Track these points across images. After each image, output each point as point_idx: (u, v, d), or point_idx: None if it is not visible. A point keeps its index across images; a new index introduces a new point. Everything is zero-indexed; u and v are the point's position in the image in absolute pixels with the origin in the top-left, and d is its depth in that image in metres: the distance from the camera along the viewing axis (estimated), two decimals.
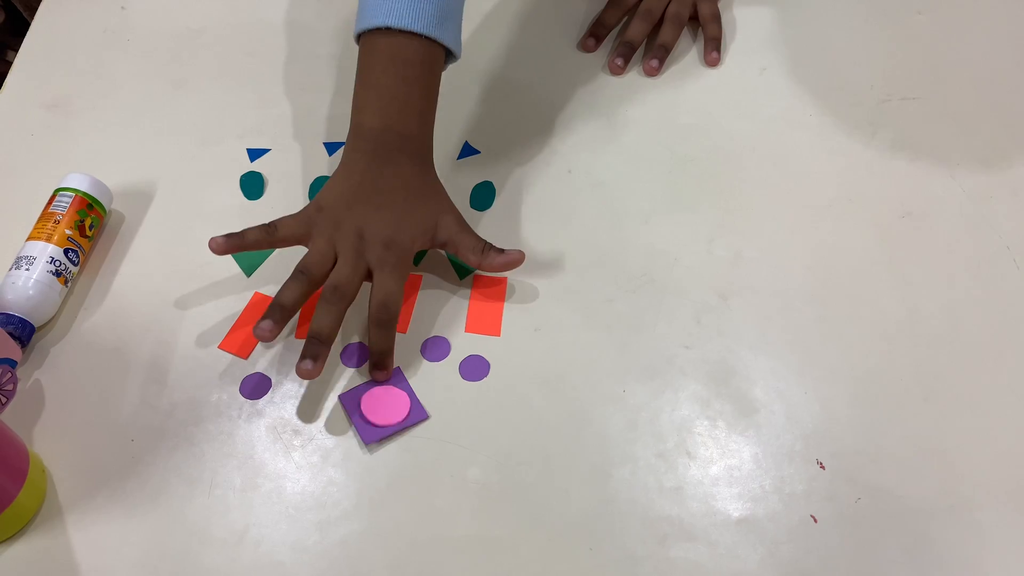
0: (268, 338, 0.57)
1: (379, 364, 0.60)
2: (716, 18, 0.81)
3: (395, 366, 0.61)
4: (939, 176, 0.70)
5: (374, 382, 0.60)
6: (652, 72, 0.78)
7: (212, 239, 0.61)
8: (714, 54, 0.79)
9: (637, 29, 0.80)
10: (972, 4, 0.83)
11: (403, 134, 0.63)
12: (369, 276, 0.61)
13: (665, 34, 0.80)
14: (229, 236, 0.61)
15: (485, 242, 0.63)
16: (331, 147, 0.74)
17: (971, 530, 0.54)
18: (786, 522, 0.54)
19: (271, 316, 0.58)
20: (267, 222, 0.62)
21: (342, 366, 0.61)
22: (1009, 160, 0.71)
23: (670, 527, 0.54)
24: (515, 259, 0.63)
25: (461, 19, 0.66)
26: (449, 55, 0.65)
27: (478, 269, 0.65)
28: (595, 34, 0.81)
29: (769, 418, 0.58)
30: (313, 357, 0.57)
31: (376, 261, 0.60)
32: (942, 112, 0.75)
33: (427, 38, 0.61)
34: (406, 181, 0.63)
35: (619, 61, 0.78)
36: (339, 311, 0.59)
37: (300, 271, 0.60)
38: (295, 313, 0.60)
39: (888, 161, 0.72)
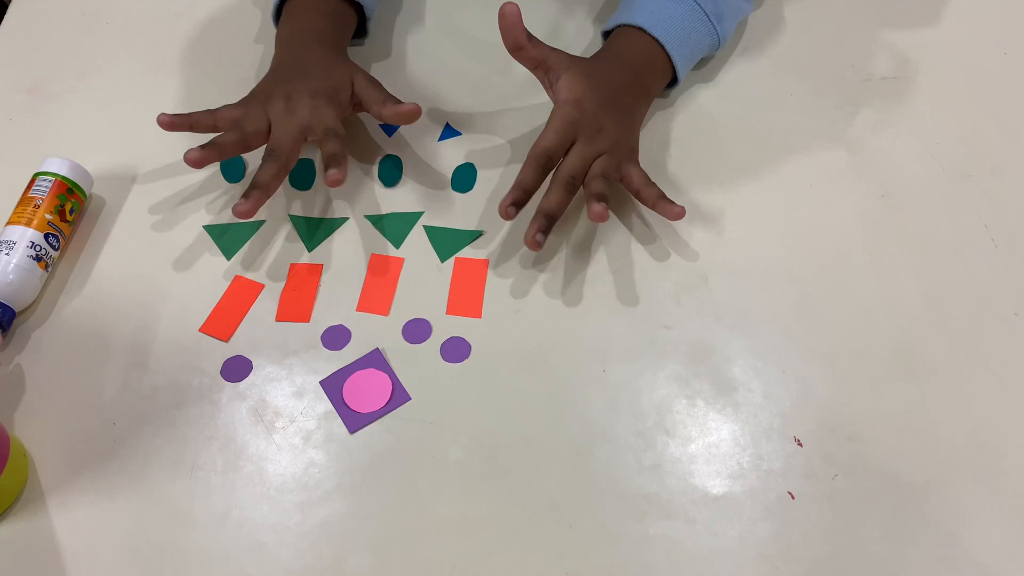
0: (197, 161, 0.62)
1: (330, 163, 0.62)
2: (648, 182, 0.65)
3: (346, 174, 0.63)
4: (918, 155, 0.71)
5: (355, 365, 0.60)
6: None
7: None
8: (676, 208, 0.63)
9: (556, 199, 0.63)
10: None
11: (316, 29, 0.72)
12: (305, 141, 0.66)
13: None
14: (176, 116, 0.65)
15: (388, 95, 0.68)
16: None
17: (948, 506, 0.54)
18: (764, 499, 0.55)
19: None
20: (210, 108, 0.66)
21: (322, 348, 0.61)
22: (988, 139, 0.71)
23: (649, 505, 0.55)
24: (408, 110, 0.66)
25: None
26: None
27: (378, 119, 0.68)
28: (516, 202, 0.62)
29: (747, 396, 0.59)
30: (246, 198, 0.61)
31: (308, 111, 0.66)
32: (921, 92, 0.75)
33: None
34: (321, 56, 0.70)
35: (539, 237, 0.61)
36: (278, 167, 0.63)
37: (234, 127, 0.65)
38: (222, 141, 0.64)
39: (868, 141, 0.72)
